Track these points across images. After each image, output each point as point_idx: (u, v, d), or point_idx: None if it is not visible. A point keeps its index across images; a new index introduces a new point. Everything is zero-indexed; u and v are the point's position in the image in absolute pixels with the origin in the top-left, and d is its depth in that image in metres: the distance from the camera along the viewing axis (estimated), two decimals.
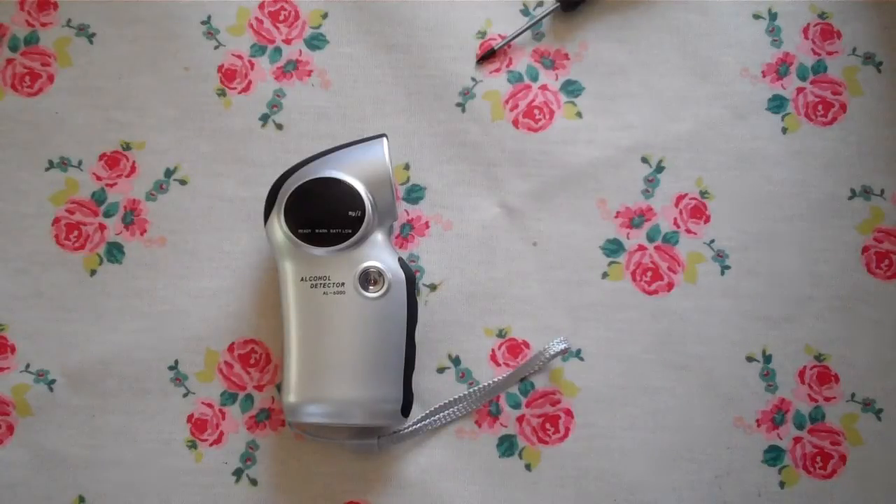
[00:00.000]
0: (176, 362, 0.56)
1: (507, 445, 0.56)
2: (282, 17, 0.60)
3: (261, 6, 0.60)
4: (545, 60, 0.59)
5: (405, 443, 0.55)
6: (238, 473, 0.55)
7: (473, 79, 0.59)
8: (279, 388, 0.56)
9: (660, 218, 0.58)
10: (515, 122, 0.59)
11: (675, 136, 0.58)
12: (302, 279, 0.51)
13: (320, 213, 0.51)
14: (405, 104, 0.59)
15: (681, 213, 0.58)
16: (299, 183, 0.51)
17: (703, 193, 0.58)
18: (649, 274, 0.57)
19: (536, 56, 0.59)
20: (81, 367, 0.56)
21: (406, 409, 0.52)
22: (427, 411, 0.55)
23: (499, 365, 0.57)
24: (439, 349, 0.56)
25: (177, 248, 0.57)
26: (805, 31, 0.60)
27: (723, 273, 0.57)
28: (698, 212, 0.58)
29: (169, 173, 0.58)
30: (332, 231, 0.51)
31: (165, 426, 0.56)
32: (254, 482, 0.55)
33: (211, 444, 0.56)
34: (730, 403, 0.56)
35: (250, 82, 0.59)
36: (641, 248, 0.58)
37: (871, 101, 0.59)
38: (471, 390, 0.55)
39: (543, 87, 0.59)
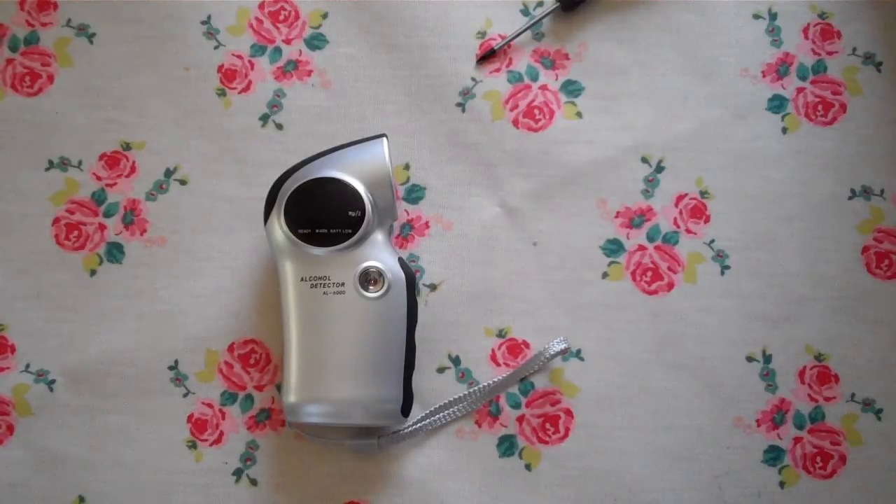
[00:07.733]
0: (176, 362, 0.56)
1: (507, 445, 0.56)
2: (282, 17, 0.60)
3: (261, 6, 0.60)
4: (545, 60, 0.59)
5: (405, 443, 0.55)
6: (238, 473, 0.55)
7: (473, 79, 0.59)
8: (279, 388, 0.56)
9: (660, 218, 0.58)
10: (515, 122, 0.59)
11: (675, 136, 0.58)
12: (302, 279, 0.51)
13: (320, 213, 0.51)
14: (405, 104, 0.59)
15: (681, 213, 0.58)
16: (299, 183, 0.51)
17: (703, 193, 0.58)
18: (649, 274, 0.57)
19: (536, 56, 0.59)
20: (81, 367, 0.56)
21: (406, 409, 0.52)
22: (427, 411, 0.55)
23: (499, 365, 0.57)
24: (439, 349, 0.56)
25: (177, 248, 0.57)
26: (805, 31, 0.60)
27: (723, 273, 0.57)
28: (698, 212, 0.58)
29: (169, 173, 0.58)
30: (331, 231, 0.51)
31: (165, 426, 0.56)
32: (254, 482, 0.55)
33: (211, 444, 0.56)
34: (730, 403, 0.56)
35: (250, 82, 0.59)
36: (641, 248, 0.58)
37: (871, 101, 0.59)
38: (471, 390, 0.55)
39: (543, 87, 0.59)
